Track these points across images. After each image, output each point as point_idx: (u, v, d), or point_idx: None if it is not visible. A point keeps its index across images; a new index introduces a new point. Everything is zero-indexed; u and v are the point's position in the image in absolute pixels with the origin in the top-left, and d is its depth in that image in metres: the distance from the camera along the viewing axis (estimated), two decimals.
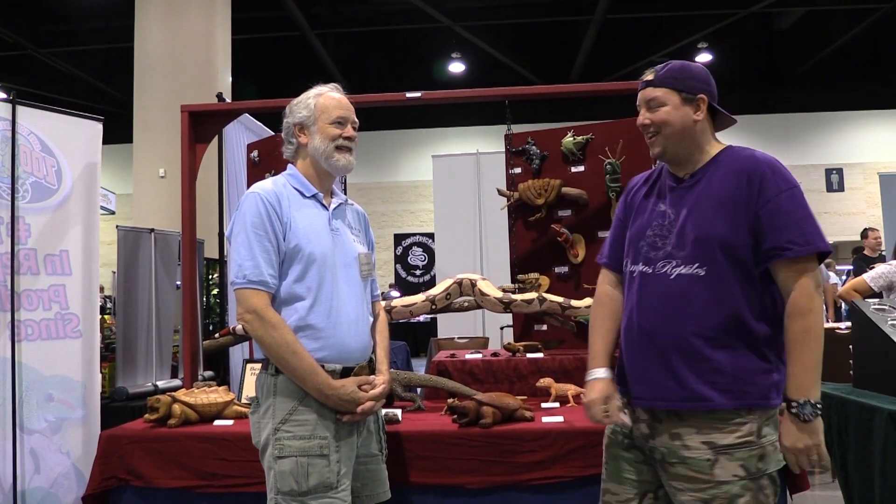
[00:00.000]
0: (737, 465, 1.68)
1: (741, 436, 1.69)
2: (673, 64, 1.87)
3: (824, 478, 4.65)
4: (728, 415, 1.69)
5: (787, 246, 1.67)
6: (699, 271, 1.74)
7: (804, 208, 1.71)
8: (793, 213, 1.69)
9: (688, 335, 1.72)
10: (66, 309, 3.33)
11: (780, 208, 1.69)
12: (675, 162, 1.87)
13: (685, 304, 1.74)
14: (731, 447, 1.68)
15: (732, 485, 1.67)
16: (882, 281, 3.74)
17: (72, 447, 3.27)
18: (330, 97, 2.14)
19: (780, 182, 1.71)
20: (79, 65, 13.50)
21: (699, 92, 1.82)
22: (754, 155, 1.78)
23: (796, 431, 1.64)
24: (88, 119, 3.52)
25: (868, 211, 15.42)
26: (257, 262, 1.95)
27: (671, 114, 1.81)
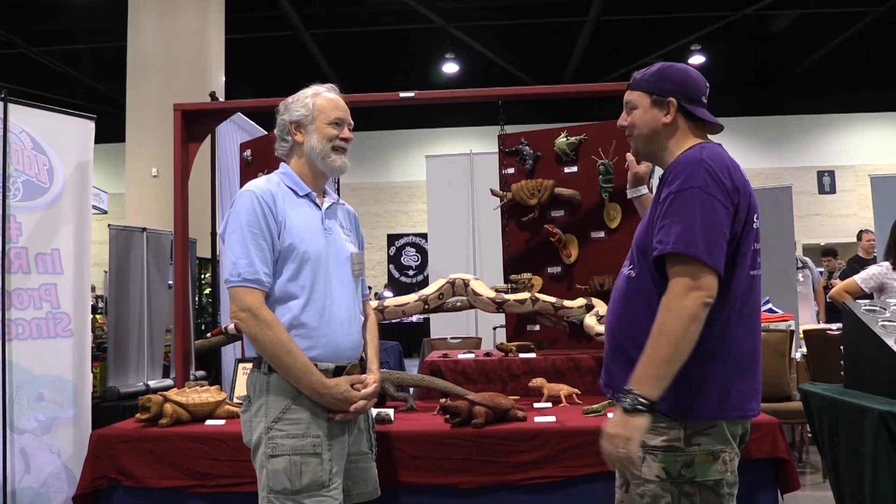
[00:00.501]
0: (659, 467, 1.71)
1: (667, 440, 1.71)
2: (655, 66, 1.89)
3: (815, 478, 4.67)
4: (658, 417, 1.68)
5: (655, 245, 1.69)
6: (631, 272, 1.82)
7: (687, 210, 1.65)
8: (674, 213, 1.66)
9: (619, 333, 1.82)
10: (57, 308, 3.31)
11: (667, 208, 1.68)
12: (652, 162, 1.97)
13: (619, 304, 1.84)
14: (656, 449, 1.71)
15: (654, 485, 1.71)
16: (873, 282, 3.76)
17: (62, 447, 3.26)
18: (328, 97, 2.15)
19: (683, 181, 1.68)
20: (72, 64, 13.44)
21: (669, 94, 1.83)
22: (686, 155, 1.75)
23: (616, 416, 1.64)
24: (81, 117, 3.51)
25: (860, 213, 15.49)
26: (252, 260, 1.95)
27: (639, 117, 1.87)
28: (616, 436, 1.63)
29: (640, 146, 1.90)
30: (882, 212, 6.24)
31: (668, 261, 1.66)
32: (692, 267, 1.62)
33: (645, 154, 1.92)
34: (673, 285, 1.64)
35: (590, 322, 3.18)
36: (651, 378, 1.62)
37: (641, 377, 1.63)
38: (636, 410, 1.61)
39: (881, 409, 2.27)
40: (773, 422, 2.44)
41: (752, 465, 2.32)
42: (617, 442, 1.62)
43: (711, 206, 1.64)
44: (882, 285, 3.72)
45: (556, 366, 3.28)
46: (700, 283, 1.61)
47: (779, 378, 4.64)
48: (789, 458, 2.42)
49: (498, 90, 3.55)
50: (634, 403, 1.61)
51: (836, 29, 13.12)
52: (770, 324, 5.02)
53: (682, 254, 1.63)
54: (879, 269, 3.76)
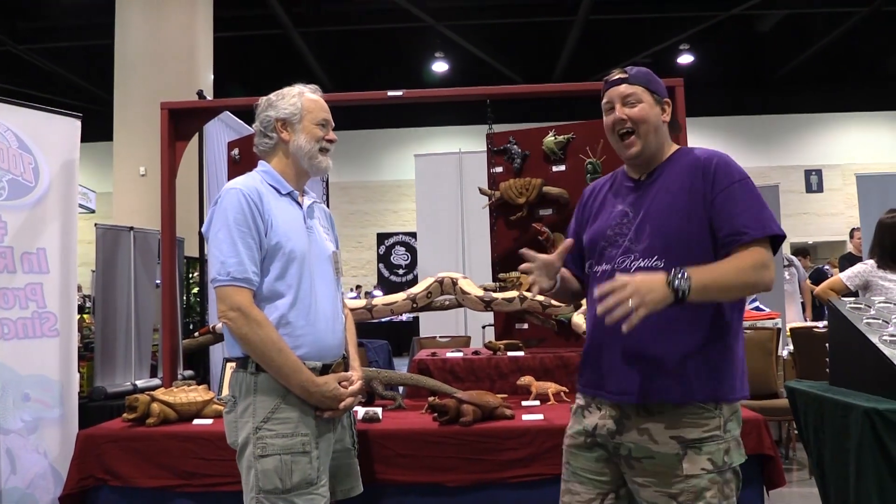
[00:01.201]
0: (705, 459, 1.70)
1: (709, 430, 1.72)
2: (640, 68, 1.92)
3: (801, 474, 4.71)
4: (696, 409, 1.72)
5: (743, 230, 1.71)
6: (658, 263, 1.76)
7: (757, 197, 1.77)
8: (747, 201, 1.74)
9: (652, 328, 1.72)
10: (43, 308, 3.29)
11: (734, 197, 1.75)
12: (645, 163, 1.89)
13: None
14: (700, 441, 1.71)
15: (700, 478, 1.69)
16: (858, 280, 3.79)
17: (49, 447, 3.24)
18: (313, 98, 2.16)
19: (733, 173, 1.78)
20: (58, 62, 13.35)
21: (665, 96, 1.90)
22: (707, 151, 1.86)
23: (654, 280, 1.60)
24: (67, 116, 3.49)
25: (846, 212, 15.60)
26: (241, 259, 1.94)
27: (648, 111, 1.85)
28: (644, 286, 1.58)
29: (646, 141, 1.85)
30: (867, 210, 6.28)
31: (753, 244, 1.71)
32: (769, 247, 1.73)
33: (649, 152, 1.87)
34: (758, 251, 1.70)
35: (577, 320, 3.19)
36: (711, 281, 1.64)
37: (704, 273, 1.63)
38: (675, 287, 1.59)
39: (866, 406, 2.29)
40: (759, 418, 2.46)
41: None
42: (639, 287, 1.57)
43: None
44: (867, 283, 3.74)
45: (544, 364, 3.29)
46: (772, 264, 1.73)
47: (766, 375, 4.68)
48: (775, 454, 2.44)
49: (486, 89, 3.55)
50: (681, 284, 1.59)
51: (823, 29, 13.21)
52: (757, 322, 5.05)
53: (776, 235, 1.73)
54: (864, 267, 3.79)
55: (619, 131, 1.87)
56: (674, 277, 1.60)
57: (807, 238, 15.48)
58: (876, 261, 3.76)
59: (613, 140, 1.91)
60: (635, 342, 1.76)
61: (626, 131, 1.85)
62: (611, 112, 1.89)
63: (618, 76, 1.89)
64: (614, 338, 1.79)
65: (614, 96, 1.88)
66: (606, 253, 1.86)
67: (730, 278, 1.67)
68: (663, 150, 1.90)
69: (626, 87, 1.86)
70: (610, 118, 1.89)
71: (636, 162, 1.90)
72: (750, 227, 1.71)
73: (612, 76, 1.92)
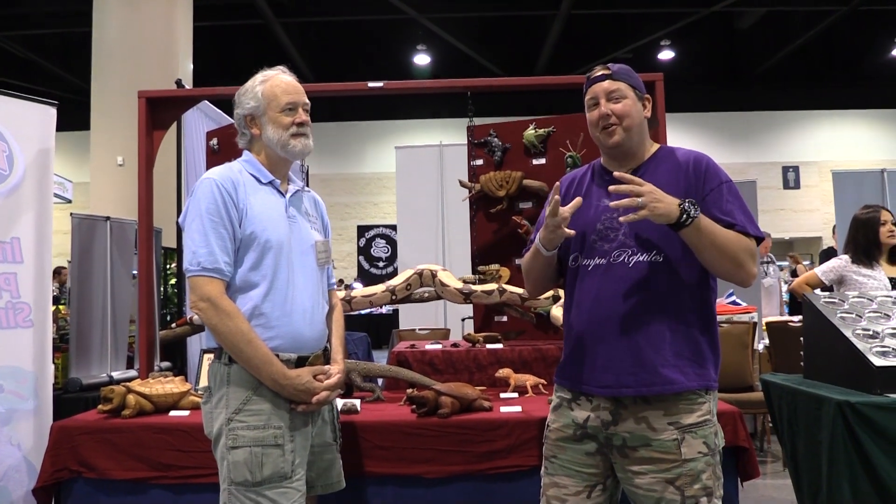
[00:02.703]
0: (700, 443, 1.77)
1: (702, 414, 1.80)
2: (622, 65, 1.96)
3: (775, 466, 4.77)
4: (692, 395, 1.80)
5: (734, 223, 1.81)
6: (657, 258, 1.82)
7: (742, 199, 1.87)
8: (736, 201, 1.85)
9: (651, 320, 1.79)
10: (17, 298, 3.25)
11: (724, 195, 1.84)
12: (622, 156, 1.93)
13: (646, 291, 1.80)
14: (695, 426, 1.78)
15: (697, 461, 1.76)
16: (833, 275, 3.84)
17: (22, 439, 3.20)
18: (277, 82, 2.07)
19: (721, 174, 1.88)
20: (35, 50, 13.13)
21: (645, 92, 1.97)
22: (691, 151, 1.94)
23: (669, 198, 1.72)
24: (42, 104, 3.44)
25: (823, 208, 15.79)
26: (212, 249, 1.92)
27: (632, 107, 1.89)
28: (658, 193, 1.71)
29: (627, 137, 1.89)
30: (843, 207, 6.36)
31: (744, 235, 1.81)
32: (754, 244, 1.82)
33: (628, 145, 1.90)
34: (753, 247, 1.81)
35: (556, 313, 3.20)
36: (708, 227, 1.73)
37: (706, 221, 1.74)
38: (683, 209, 1.70)
39: (838, 399, 2.32)
40: (734, 411, 2.49)
41: None
42: (654, 192, 1.71)
43: None
44: (841, 278, 3.79)
45: (522, 356, 3.30)
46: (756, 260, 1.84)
47: (742, 369, 4.73)
48: (749, 446, 2.47)
49: (466, 81, 3.55)
50: (690, 209, 1.71)
51: (801, 27, 13.35)
52: (734, 316, 5.10)
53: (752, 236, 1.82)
54: (839, 262, 3.84)
55: (602, 125, 1.89)
56: (687, 202, 1.72)
57: (784, 234, 15.66)
58: (850, 256, 3.81)
59: (596, 133, 1.92)
60: (633, 335, 1.80)
61: (611, 124, 1.88)
62: (594, 108, 1.91)
63: (601, 72, 1.92)
64: (610, 332, 1.82)
65: (598, 92, 1.90)
66: (598, 247, 1.88)
67: (726, 242, 1.76)
68: (644, 145, 1.95)
69: (611, 83, 1.89)
70: (594, 113, 1.91)
71: (615, 153, 1.92)
72: (742, 223, 1.81)
73: (595, 72, 1.95)
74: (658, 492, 1.75)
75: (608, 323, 1.82)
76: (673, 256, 1.82)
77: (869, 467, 2.25)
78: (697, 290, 1.84)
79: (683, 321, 1.81)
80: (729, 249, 1.76)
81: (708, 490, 1.76)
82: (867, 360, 2.40)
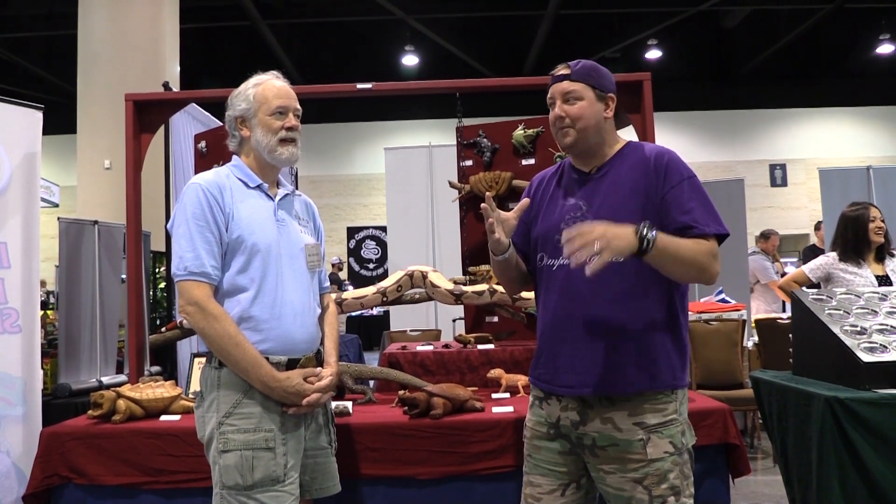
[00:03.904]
0: (666, 442, 1.76)
1: (668, 414, 1.79)
2: (586, 62, 1.94)
3: (766, 463, 4.80)
4: (657, 395, 1.78)
5: (695, 224, 1.77)
6: (618, 257, 1.75)
7: (706, 195, 1.83)
8: (698, 198, 1.81)
9: (612, 320, 1.79)
10: (4, 303, 3.22)
11: (685, 193, 1.81)
12: (583, 155, 1.94)
13: (606, 291, 1.80)
14: (661, 426, 1.77)
15: (664, 461, 1.75)
16: (820, 272, 3.86)
17: (11, 445, 3.17)
18: (270, 86, 2.08)
19: (682, 170, 1.84)
20: (20, 52, 13.04)
21: (609, 91, 1.93)
22: (656, 147, 1.92)
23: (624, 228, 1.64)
24: (27, 107, 3.41)
25: (810, 205, 15.89)
26: (199, 253, 1.92)
27: (586, 109, 1.88)
28: (611, 231, 1.61)
29: (581, 139, 1.89)
30: (830, 204, 6.40)
31: (703, 238, 1.77)
32: (716, 244, 1.79)
33: (584, 146, 1.90)
34: (715, 247, 1.78)
35: None
36: (668, 245, 1.68)
37: (664, 238, 1.68)
38: (641, 237, 1.64)
39: (827, 395, 2.34)
40: (724, 408, 2.50)
41: (704, 450, 2.38)
42: (606, 232, 1.60)
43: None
44: (829, 275, 3.81)
45: (513, 356, 3.31)
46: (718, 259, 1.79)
47: (731, 366, 4.75)
48: (740, 443, 2.48)
49: (455, 82, 3.55)
50: (646, 234, 1.64)
51: (787, 25, 13.44)
52: (723, 313, 5.13)
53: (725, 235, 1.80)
54: (826, 260, 3.86)
55: (558, 126, 1.91)
56: (643, 227, 1.65)
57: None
58: (838, 253, 3.84)
59: (553, 133, 1.95)
60: (596, 335, 1.80)
61: (564, 125, 1.89)
62: (552, 108, 1.93)
63: (561, 72, 1.93)
64: (573, 332, 1.83)
65: (556, 93, 1.92)
66: (561, 247, 1.85)
67: (687, 253, 1.72)
68: (608, 144, 1.93)
69: (568, 83, 1.90)
70: (551, 115, 1.93)
71: (573, 153, 1.95)
72: (702, 223, 1.78)
73: (556, 71, 1.95)
74: (627, 491, 1.76)
75: (570, 323, 1.83)
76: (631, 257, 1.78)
77: (858, 462, 2.27)
78: (661, 288, 1.82)
79: (646, 320, 1.79)
80: (690, 259, 1.73)
81: (675, 489, 1.75)
82: (855, 355, 2.42)
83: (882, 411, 2.28)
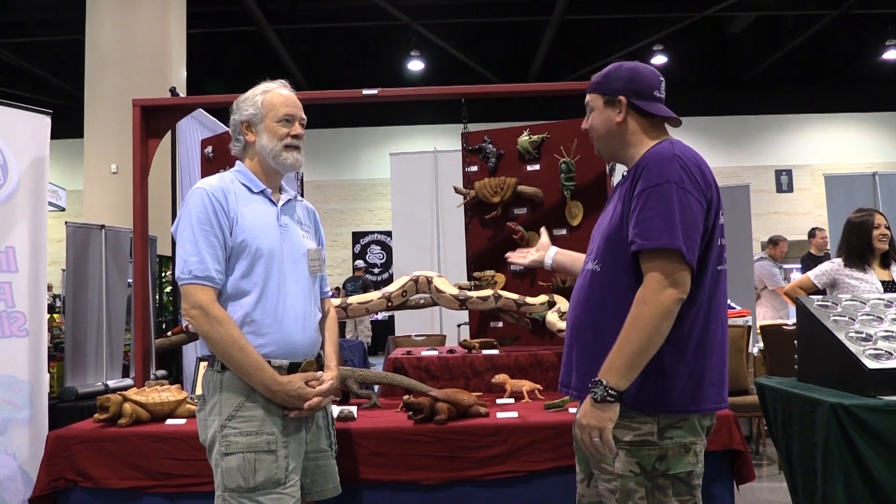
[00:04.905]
0: (633, 462, 1.72)
1: (640, 434, 1.72)
2: (608, 67, 1.93)
3: (771, 469, 4.78)
4: (626, 411, 1.70)
5: (634, 239, 1.69)
6: (597, 267, 1.82)
7: (666, 204, 1.66)
8: (650, 209, 1.67)
9: (585, 329, 1.81)
10: (11, 307, 3.24)
11: (643, 203, 1.69)
12: (615, 160, 1.98)
13: (584, 299, 1.84)
14: (629, 444, 1.72)
15: (627, 480, 1.72)
16: (825, 278, 3.85)
17: (18, 448, 3.19)
18: (277, 94, 2.12)
19: (654, 176, 1.70)
20: (28, 58, 13.11)
21: (618, 93, 1.86)
22: (658, 149, 1.77)
23: (586, 406, 1.68)
24: (36, 112, 3.44)
25: (815, 211, 15.82)
26: (203, 257, 1.94)
27: (595, 119, 1.92)
28: (588, 426, 1.67)
29: (601, 147, 1.95)
30: (835, 210, 6.40)
31: (646, 255, 1.67)
32: (670, 263, 1.64)
33: (608, 154, 1.95)
34: (649, 279, 1.65)
35: (552, 318, 3.21)
36: (621, 369, 1.65)
37: (611, 368, 1.66)
38: (605, 401, 1.64)
39: (832, 402, 2.33)
40: (729, 414, 2.49)
41: (708, 457, 2.34)
42: (590, 432, 1.66)
43: (687, 201, 1.67)
44: (834, 281, 3.81)
45: (518, 362, 3.31)
46: (676, 280, 1.64)
47: (736, 372, 4.75)
48: (744, 449, 2.48)
49: (460, 88, 3.56)
50: (604, 394, 1.64)
51: (792, 31, 13.42)
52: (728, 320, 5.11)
53: (664, 248, 1.64)
54: (832, 266, 3.86)
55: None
56: (593, 390, 1.66)
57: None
58: (843, 259, 3.83)
59: None
60: (576, 342, 1.85)
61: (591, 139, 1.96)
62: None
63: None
64: (573, 336, 1.88)
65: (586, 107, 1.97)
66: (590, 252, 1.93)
67: (637, 340, 1.64)
68: (634, 147, 1.86)
69: (587, 96, 1.95)
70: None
71: (608, 161, 2.03)
72: (639, 237, 1.67)
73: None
74: (606, 498, 1.77)
75: (573, 327, 1.89)
76: (608, 267, 1.77)
77: (863, 469, 2.27)
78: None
79: (616, 333, 1.69)
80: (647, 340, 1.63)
81: None
82: (860, 362, 2.42)
83: (887, 418, 2.28)
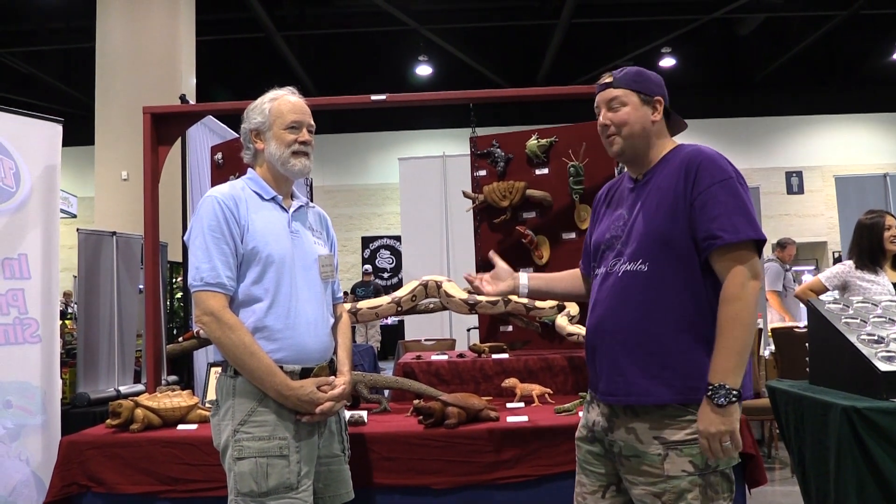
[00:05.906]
0: (686, 461, 1.71)
1: (691, 432, 1.71)
2: (630, 68, 1.92)
3: (783, 473, 4.75)
4: (677, 411, 1.73)
5: (717, 234, 1.70)
6: (642, 267, 1.78)
7: (737, 198, 1.72)
8: (724, 203, 1.71)
9: (632, 330, 1.77)
10: (24, 314, 3.27)
11: (712, 198, 1.72)
12: (632, 162, 1.92)
13: (629, 300, 1.79)
14: (681, 443, 1.71)
15: (681, 480, 1.70)
16: (836, 280, 3.83)
17: (31, 454, 3.21)
18: (285, 101, 2.13)
19: (716, 173, 1.74)
20: (38, 66, 13.22)
21: (656, 94, 1.89)
22: (697, 149, 1.82)
23: (710, 414, 1.66)
24: (48, 120, 3.47)
25: (826, 213, 15.76)
26: (214, 264, 1.96)
27: (631, 114, 1.86)
28: (718, 433, 1.65)
29: (628, 145, 1.87)
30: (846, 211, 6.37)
31: (726, 249, 1.70)
32: (751, 255, 1.70)
33: (631, 153, 1.89)
34: (736, 274, 1.68)
35: (561, 322, 3.21)
36: (735, 368, 1.66)
37: (725, 369, 1.66)
38: (731, 403, 1.64)
39: (844, 405, 2.32)
40: (741, 418, 2.48)
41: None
42: (722, 438, 1.65)
43: (748, 195, 1.75)
44: (845, 283, 3.79)
45: (528, 366, 3.31)
46: (756, 271, 1.70)
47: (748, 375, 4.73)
48: (756, 453, 2.47)
49: (469, 93, 3.57)
50: (729, 397, 1.64)
51: (801, 32, 13.37)
52: None
53: (748, 241, 1.69)
54: (843, 268, 3.84)
55: (604, 135, 1.90)
56: (715, 396, 1.65)
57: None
58: (854, 261, 3.81)
59: (603, 142, 1.94)
60: (620, 344, 1.79)
61: (610, 133, 1.88)
62: (599, 117, 1.92)
63: (605, 80, 1.92)
64: (604, 340, 1.83)
65: (600, 101, 1.91)
66: (605, 256, 1.90)
67: (743, 336, 1.67)
68: (656, 149, 1.89)
69: (612, 90, 1.88)
70: (598, 124, 1.92)
71: (623, 160, 1.94)
72: (724, 231, 1.69)
73: (600, 80, 1.95)
74: (651, 503, 1.74)
75: (600, 330, 1.85)
76: (658, 266, 1.76)
77: (876, 472, 2.25)
78: (690, 300, 1.74)
79: (670, 332, 1.74)
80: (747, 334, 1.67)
81: None
82: (872, 365, 2.40)
83: None
